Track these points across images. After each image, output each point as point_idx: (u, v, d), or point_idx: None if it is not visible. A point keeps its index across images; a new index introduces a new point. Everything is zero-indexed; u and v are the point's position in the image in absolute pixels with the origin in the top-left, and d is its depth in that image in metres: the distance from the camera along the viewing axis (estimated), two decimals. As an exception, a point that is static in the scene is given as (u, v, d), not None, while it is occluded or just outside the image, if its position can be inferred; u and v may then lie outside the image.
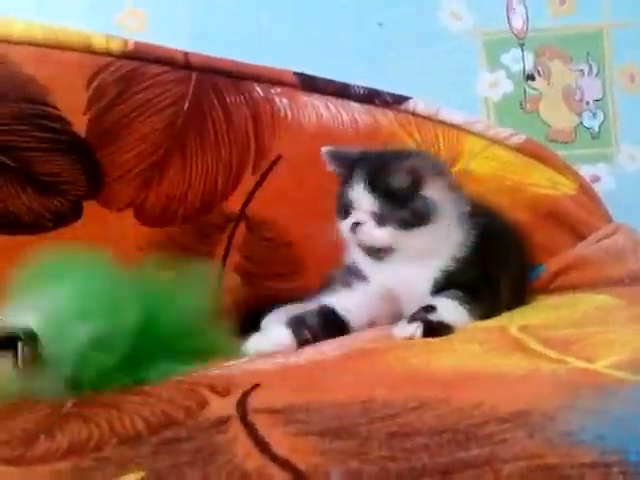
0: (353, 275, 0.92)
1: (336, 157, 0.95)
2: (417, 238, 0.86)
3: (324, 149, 0.95)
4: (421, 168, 0.87)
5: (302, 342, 0.83)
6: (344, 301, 0.90)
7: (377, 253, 0.89)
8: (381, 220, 0.86)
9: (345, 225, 0.89)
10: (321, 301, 0.91)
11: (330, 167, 0.95)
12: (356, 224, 0.88)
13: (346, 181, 0.90)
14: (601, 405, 0.45)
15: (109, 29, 1.10)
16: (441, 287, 0.86)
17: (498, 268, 0.91)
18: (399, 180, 0.86)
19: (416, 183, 0.86)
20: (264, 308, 1.06)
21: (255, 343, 0.82)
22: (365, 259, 0.91)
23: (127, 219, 1.04)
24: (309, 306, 0.98)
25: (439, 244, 0.88)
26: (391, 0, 1.47)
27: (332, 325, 0.87)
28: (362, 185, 0.87)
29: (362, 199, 0.88)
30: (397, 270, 0.88)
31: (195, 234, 1.10)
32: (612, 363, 0.55)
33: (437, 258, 0.87)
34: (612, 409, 0.44)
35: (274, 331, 0.86)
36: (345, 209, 0.90)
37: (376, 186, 0.86)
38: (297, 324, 0.85)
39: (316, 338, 0.84)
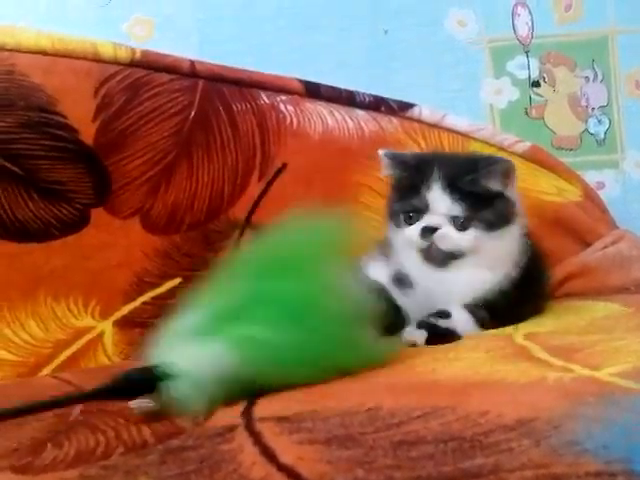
0: (401, 282, 0.89)
1: (396, 159, 0.92)
2: (498, 240, 0.85)
3: (381, 151, 0.93)
4: (511, 171, 0.87)
5: None
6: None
7: (445, 259, 0.85)
8: (463, 223, 0.84)
9: (412, 231, 0.86)
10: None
11: (387, 170, 0.93)
12: (429, 229, 0.85)
13: (408, 185, 0.88)
14: (606, 414, 0.45)
15: (117, 37, 1.11)
16: (481, 303, 0.84)
17: (531, 294, 0.90)
18: (494, 182, 0.85)
19: (505, 185, 0.86)
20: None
21: None
22: (421, 266, 0.87)
23: (134, 227, 1.05)
24: None
25: (511, 249, 0.88)
26: (397, 8, 1.48)
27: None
28: (440, 188, 0.85)
29: (440, 202, 0.85)
30: (444, 280, 0.86)
31: (201, 241, 1.10)
32: (617, 371, 0.55)
33: (494, 272, 0.86)
34: (617, 418, 0.44)
35: None
36: (409, 214, 0.87)
37: (458, 188, 0.84)
38: None
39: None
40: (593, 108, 1.55)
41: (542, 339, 0.72)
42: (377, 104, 1.28)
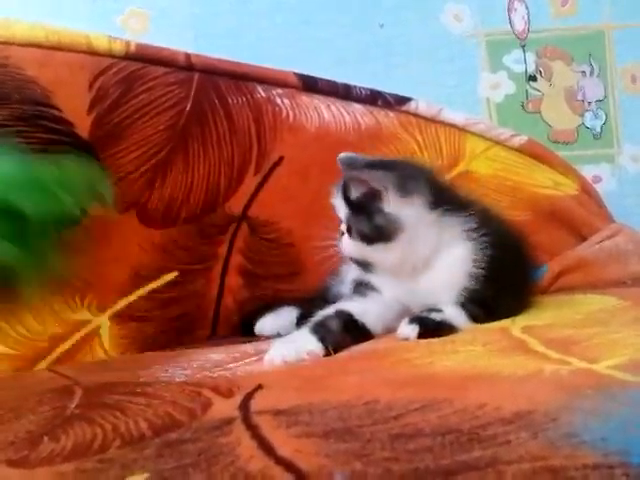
0: (364, 286, 0.89)
1: (343, 162, 0.90)
2: (382, 253, 0.84)
3: (340, 155, 0.91)
4: (377, 181, 0.83)
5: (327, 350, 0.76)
6: (360, 308, 0.85)
7: (362, 267, 0.88)
8: (349, 231, 0.86)
9: (339, 237, 0.89)
10: (337, 307, 0.85)
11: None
12: (342, 235, 0.88)
13: None
14: (604, 406, 0.45)
15: (112, 30, 1.10)
16: (459, 303, 0.83)
17: (511, 281, 0.87)
18: (353, 191, 0.85)
19: (372, 197, 0.83)
20: (265, 309, 1.07)
21: (280, 351, 0.74)
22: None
23: (130, 220, 1.04)
24: (303, 309, 0.99)
25: (420, 260, 0.84)
26: (393, 2, 1.48)
27: (353, 329, 0.82)
28: (339, 194, 0.87)
29: (339, 209, 0.88)
30: (410, 286, 0.85)
31: (197, 235, 1.10)
32: (615, 364, 0.55)
33: (451, 275, 0.84)
34: (615, 411, 0.44)
35: (301, 339, 0.78)
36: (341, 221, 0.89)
37: (345, 195, 0.86)
38: (322, 330, 0.79)
39: (338, 343, 0.77)
40: (589, 102, 1.55)
41: (539, 332, 0.72)
42: (374, 98, 1.28)
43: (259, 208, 1.15)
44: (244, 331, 1.08)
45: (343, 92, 1.26)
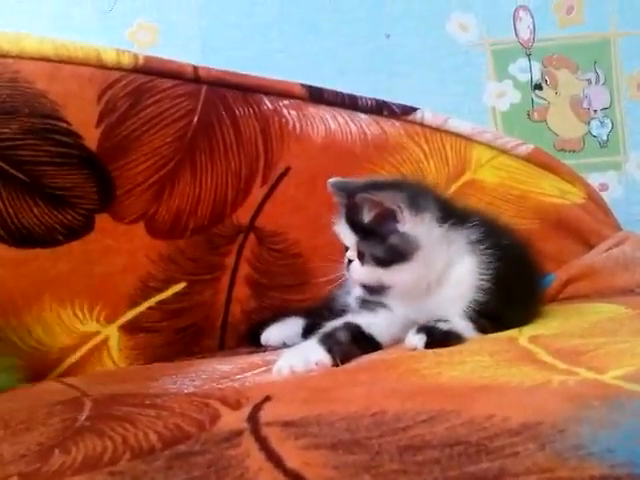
0: (372, 302, 0.88)
1: (338, 188, 0.89)
2: (397, 275, 0.82)
3: (330, 181, 0.91)
4: (390, 201, 0.81)
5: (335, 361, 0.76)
6: (368, 321, 0.85)
7: (374, 293, 0.85)
8: (361, 257, 0.84)
9: (345, 264, 0.87)
10: (345, 319, 0.85)
11: (336, 199, 0.91)
12: (349, 262, 0.85)
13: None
14: (611, 418, 0.45)
15: (121, 43, 1.12)
16: (466, 315, 0.82)
17: (518, 292, 0.86)
18: (365, 214, 0.82)
19: (386, 218, 0.82)
20: (271, 320, 1.07)
21: (289, 362, 0.74)
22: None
23: (138, 232, 1.05)
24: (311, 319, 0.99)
25: (437, 275, 0.83)
26: (399, 13, 1.49)
27: (362, 341, 0.82)
28: (343, 220, 0.85)
29: (345, 235, 0.86)
30: (419, 303, 0.84)
31: (205, 246, 1.11)
32: (622, 374, 0.55)
33: (458, 288, 0.83)
34: (622, 422, 0.44)
35: (310, 349, 0.78)
36: (345, 248, 0.87)
37: (352, 221, 0.84)
38: (330, 341, 0.79)
39: (346, 354, 0.78)
40: (595, 110, 1.55)
41: (546, 342, 0.72)
42: (379, 108, 1.28)
43: (266, 219, 1.15)
44: (251, 341, 1.08)
45: (349, 102, 1.26)
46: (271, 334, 1.04)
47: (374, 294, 0.86)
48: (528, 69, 1.54)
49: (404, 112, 1.30)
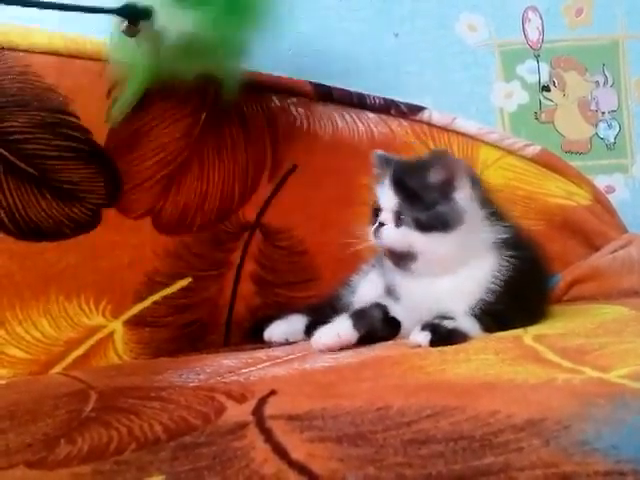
0: (390, 291, 0.89)
1: (381, 159, 0.91)
2: (433, 244, 0.82)
3: (375, 152, 0.92)
4: (457, 167, 0.82)
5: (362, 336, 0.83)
6: (392, 305, 0.87)
7: (399, 261, 0.84)
8: (399, 220, 0.83)
9: (370, 229, 0.85)
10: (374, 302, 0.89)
11: (375, 170, 0.91)
12: (380, 225, 0.84)
13: (379, 184, 0.87)
14: (616, 415, 0.45)
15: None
16: (473, 313, 0.82)
17: (527, 296, 0.86)
18: (432, 175, 0.82)
19: (448, 183, 0.82)
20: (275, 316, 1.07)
21: (320, 334, 0.82)
22: (395, 273, 0.87)
23: (145, 227, 1.05)
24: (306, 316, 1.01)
25: (458, 256, 0.83)
26: (408, 12, 1.49)
27: (388, 322, 0.86)
28: (389, 183, 0.84)
29: (386, 197, 0.84)
30: (429, 288, 0.84)
31: (211, 242, 1.11)
32: (627, 373, 0.55)
33: (470, 285, 0.83)
34: (627, 419, 0.45)
35: (338, 323, 0.84)
36: (375, 212, 0.86)
37: (401, 183, 0.83)
38: (359, 317, 0.84)
39: (374, 331, 0.84)
40: (603, 112, 1.55)
41: (551, 341, 0.72)
42: (387, 107, 1.29)
43: (273, 216, 1.16)
44: (254, 337, 1.08)
45: (357, 101, 1.27)
46: (274, 330, 1.04)
47: (399, 263, 0.85)
48: (536, 70, 1.53)
49: (411, 111, 1.30)
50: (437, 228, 0.82)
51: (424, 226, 0.81)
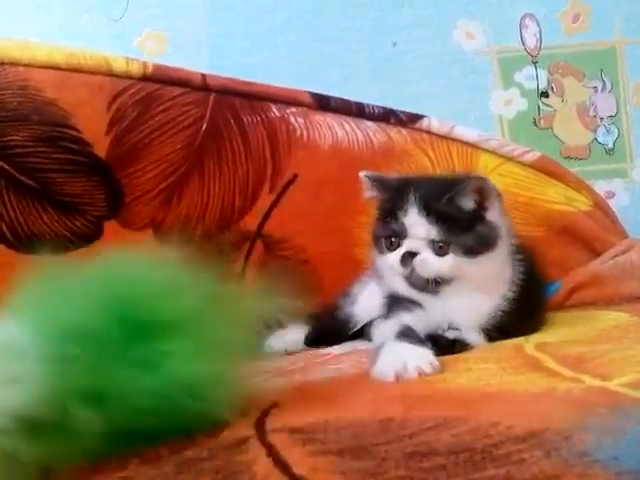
0: (406, 302, 0.84)
1: (378, 181, 0.86)
2: (480, 266, 0.80)
3: (363, 173, 0.87)
4: (486, 189, 0.80)
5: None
6: (412, 321, 0.81)
7: (431, 286, 0.80)
8: (441, 248, 0.79)
9: (393, 258, 0.81)
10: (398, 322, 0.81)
11: (370, 193, 0.87)
12: (409, 255, 0.80)
13: (388, 208, 0.83)
14: (616, 425, 0.45)
15: (130, 51, 1.13)
16: (489, 326, 0.82)
17: (530, 308, 0.86)
18: (465, 201, 0.79)
19: (481, 205, 0.80)
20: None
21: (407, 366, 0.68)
22: (412, 291, 0.83)
23: (147, 238, 1.06)
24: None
25: (498, 274, 0.83)
26: (406, 20, 1.49)
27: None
28: (417, 211, 0.79)
29: (417, 226, 0.80)
30: (451, 305, 0.82)
31: (212, 252, 1.11)
32: (627, 382, 0.55)
33: (491, 295, 0.82)
34: (627, 429, 0.45)
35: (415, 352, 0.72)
36: (390, 239, 0.82)
37: (434, 210, 0.79)
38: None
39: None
40: (602, 118, 1.55)
41: (552, 349, 0.72)
42: (386, 116, 1.29)
43: (273, 226, 1.16)
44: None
45: (356, 110, 1.27)
46: (274, 340, 1.04)
47: (425, 287, 0.81)
48: (534, 77, 1.54)
49: (411, 120, 1.30)
50: (483, 250, 0.80)
51: (473, 251, 0.80)
